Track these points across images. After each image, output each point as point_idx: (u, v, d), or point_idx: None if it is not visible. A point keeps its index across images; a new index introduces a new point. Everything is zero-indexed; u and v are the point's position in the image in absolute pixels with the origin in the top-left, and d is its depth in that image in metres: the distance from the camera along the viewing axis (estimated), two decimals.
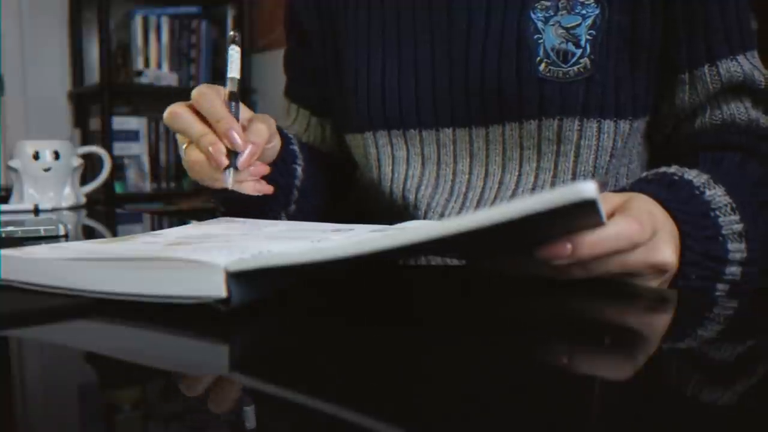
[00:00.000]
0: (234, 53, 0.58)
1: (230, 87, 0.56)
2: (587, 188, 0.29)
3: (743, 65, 0.58)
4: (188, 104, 0.54)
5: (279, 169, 0.64)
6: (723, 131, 0.60)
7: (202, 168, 0.52)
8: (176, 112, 0.53)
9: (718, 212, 0.49)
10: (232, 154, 0.52)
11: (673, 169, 0.52)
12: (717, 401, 0.24)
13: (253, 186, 0.54)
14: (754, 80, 0.59)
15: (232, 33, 0.60)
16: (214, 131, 0.52)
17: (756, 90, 0.59)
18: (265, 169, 0.56)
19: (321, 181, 0.74)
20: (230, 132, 0.51)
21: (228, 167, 0.51)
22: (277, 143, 0.61)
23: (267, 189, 0.55)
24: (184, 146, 0.54)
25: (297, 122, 0.81)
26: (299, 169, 0.68)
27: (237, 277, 0.33)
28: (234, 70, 0.57)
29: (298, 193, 0.68)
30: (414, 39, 0.65)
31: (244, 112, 0.57)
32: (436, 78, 0.64)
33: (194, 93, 0.54)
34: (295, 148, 0.68)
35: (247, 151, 0.52)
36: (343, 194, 0.80)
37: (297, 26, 0.77)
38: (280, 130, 0.66)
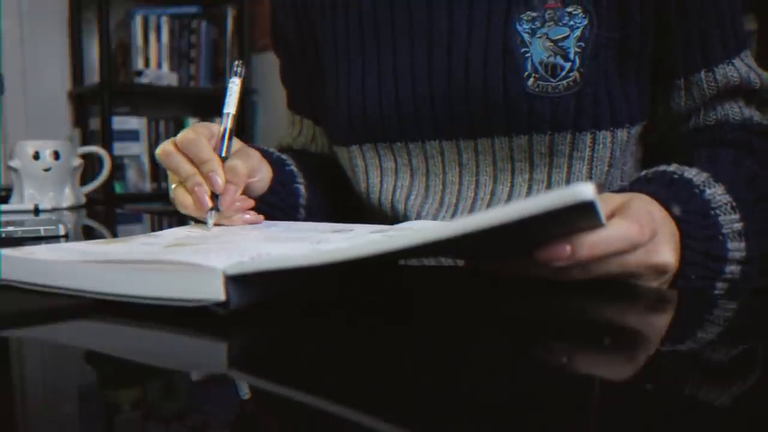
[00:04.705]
0: (234, 86, 0.57)
1: (224, 123, 0.55)
2: (585, 190, 0.29)
3: (739, 68, 0.58)
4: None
5: (278, 193, 0.64)
6: (717, 129, 0.59)
7: (188, 208, 0.53)
8: (168, 151, 0.54)
9: (718, 211, 0.48)
10: (215, 195, 0.52)
11: (672, 167, 0.52)
12: (716, 401, 0.24)
13: (240, 219, 0.54)
14: (750, 82, 0.59)
15: (236, 62, 0.58)
16: (200, 173, 0.53)
17: (750, 90, 0.59)
18: (249, 204, 0.55)
19: (328, 194, 0.74)
20: (211, 175, 0.52)
21: (211, 209, 0.52)
22: (265, 175, 0.61)
23: (256, 220, 0.55)
24: (173, 186, 0.55)
25: (303, 134, 0.81)
26: (302, 188, 0.68)
27: (235, 281, 0.33)
28: (231, 105, 0.57)
29: (305, 211, 0.68)
30: (393, 47, 0.63)
31: (235, 144, 0.57)
32: (416, 87, 0.62)
33: (179, 137, 0.54)
34: (293, 168, 0.68)
35: (227, 193, 0.52)
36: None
37: (281, 36, 0.76)
38: (271, 155, 0.66)
